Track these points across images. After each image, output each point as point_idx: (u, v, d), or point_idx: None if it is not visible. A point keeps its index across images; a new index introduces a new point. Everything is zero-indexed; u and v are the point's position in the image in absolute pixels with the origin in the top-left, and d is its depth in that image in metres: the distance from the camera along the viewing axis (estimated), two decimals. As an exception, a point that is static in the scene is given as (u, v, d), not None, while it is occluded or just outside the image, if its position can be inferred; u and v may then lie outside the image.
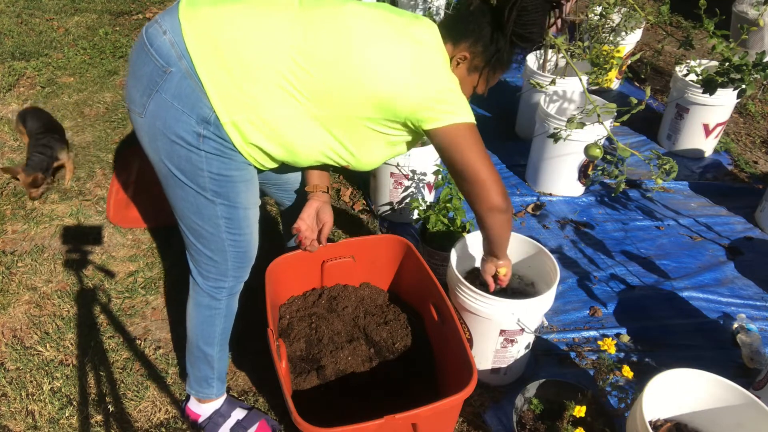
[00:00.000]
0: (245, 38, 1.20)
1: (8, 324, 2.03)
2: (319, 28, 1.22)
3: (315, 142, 1.31)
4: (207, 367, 1.60)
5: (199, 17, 1.21)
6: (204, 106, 1.21)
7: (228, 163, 1.29)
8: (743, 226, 2.53)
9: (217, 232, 1.39)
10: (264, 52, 1.20)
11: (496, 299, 1.58)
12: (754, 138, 3.18)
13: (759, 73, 1.75)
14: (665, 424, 1.52)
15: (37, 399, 1.78)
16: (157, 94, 1.22)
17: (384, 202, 2.49)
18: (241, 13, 1.22)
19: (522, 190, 2.76)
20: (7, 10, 4.49)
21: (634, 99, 1.88)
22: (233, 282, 1.51)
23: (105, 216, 2.52)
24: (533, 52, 3.08)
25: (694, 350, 1.97)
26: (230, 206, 1.36)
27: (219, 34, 1.20)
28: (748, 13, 3.52)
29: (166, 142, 1.26)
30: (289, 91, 1.22)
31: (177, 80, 1.20)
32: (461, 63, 1.34)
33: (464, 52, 1.32)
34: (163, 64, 1.20)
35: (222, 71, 1.19)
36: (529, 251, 1.83)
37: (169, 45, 1.20)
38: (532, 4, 1.25)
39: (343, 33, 1.22)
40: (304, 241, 1.60)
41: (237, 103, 1.22)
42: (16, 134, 3.03)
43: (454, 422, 1.64)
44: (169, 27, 1.21)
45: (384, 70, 1.22)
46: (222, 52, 1.19)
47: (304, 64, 1.20)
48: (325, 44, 1.21)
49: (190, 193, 1.33)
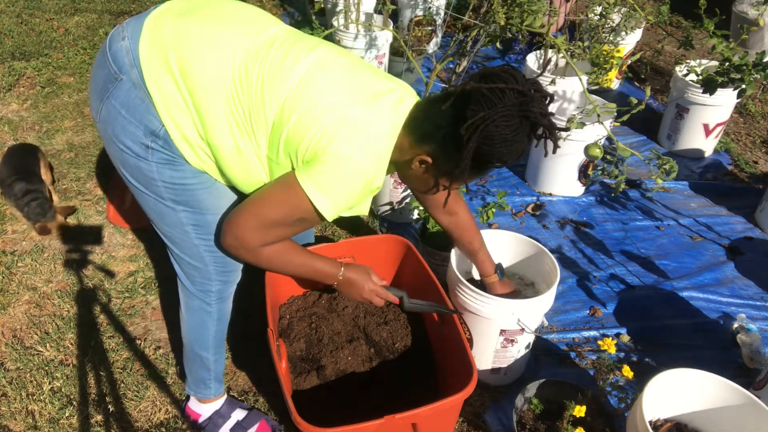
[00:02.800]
0: (195, 56, 1.14)
1: (8, 324, 2.03)
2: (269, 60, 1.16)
3: (247, 170, 1.24)
4: (203, 370, 1.60)
5: (160, 27, 1.16)
6: (153, 119, 1.16)
7: (180, 171, 1.23)
8: (743, 226, 2.53)
9: (187, 238, 1.34)
10: (210, 72, 1.14)
11: (496, 299, 1.58)
12: (754, 138, 3.18)
13: (759, 73, 1.75)
14: (665, 424, 1.52)
15: (37, 399, 1.78)
16: (107, 101, 1.18)
17: (384, 202, 2.49)
18: (200, 28, 1.16)
19: (522, 190, 2.76)
20: (7, 10, 4.49)
21: (634, 99, 1.88)
22: (220, 286, 1.46)
23: (105, 216, 2.52)
24: (533, 52, 3.08)
25: (694, 350, 1.97)
26: (195, 213, 1.31)
27: (171, 47, 1.14)
28: (748, 13, 3.52)
29: (116, 150, 1.22)
30: (228, 114, 1.15)
31: (126, 89, 1.15)
32: (423, 166, 1.21)
33: (425, 156, 1.18)
34: (116, 70, 1.16)
35: (170, 85, 1.14)
36: (529, 251, 1.83)
37: (124, 51, 1.16)
38: (501, 133, 1.07)
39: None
40: None
41: (185, 117, 1.16)
42: (17, 135, 3.04)
43: (454, 422, 1.64)
44: (130, 33, 1.17)
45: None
46: (171, 66, 1.13)
47: (244, 86, 1.14)
48: (265, 72, 1.15)
49: (150, 200, 1.29)
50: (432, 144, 1.17)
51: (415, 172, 1.25)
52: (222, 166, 1.24)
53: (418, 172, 1.24)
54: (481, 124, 1.06)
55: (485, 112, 1.06)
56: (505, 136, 1.08)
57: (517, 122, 1.07)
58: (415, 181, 1.31)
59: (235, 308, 1.58)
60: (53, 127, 3.12)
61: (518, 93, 1.06)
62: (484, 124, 1.06)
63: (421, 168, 1.22)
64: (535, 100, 1.07)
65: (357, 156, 1.14)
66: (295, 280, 1.77)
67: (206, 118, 1.16)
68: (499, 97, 1.06)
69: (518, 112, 1.06)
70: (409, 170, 1.25)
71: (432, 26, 3.79)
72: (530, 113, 1.06)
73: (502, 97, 1.06)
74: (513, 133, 1.08)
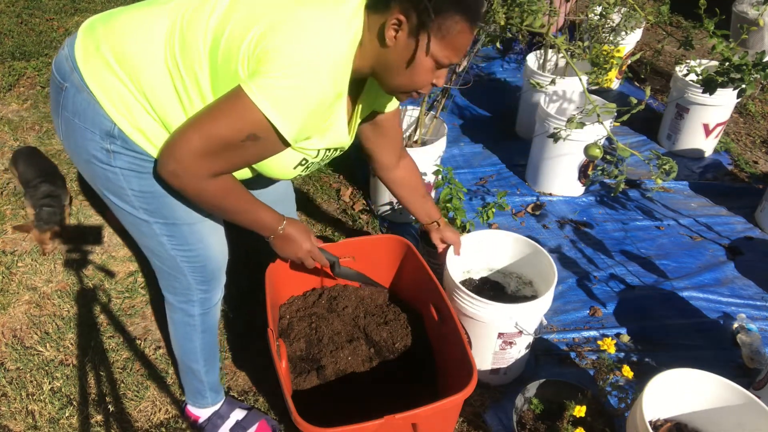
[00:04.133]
0: (124, 37, 1.12)
1: (8, 324, 2.03)
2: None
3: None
4: (196, 381, 1.59)
5: (92, 28, 1.16)
6: (103, 119, 1.13)
7: (147, 178, 1.19)
8: (743, 226, 2.53)
9: (163, 249, 1.32)
10: (142, 40, 1.10)
11: (493, 303, 1.57)
12: (754, 138, 3.18)
13: (759, 73, 1.75)
14: (665, 424, 1.52)
15: (37, 399, 1.78)
16: (62, 113, 1.17)
17: (384, 202, 2.49)
18: (126, 16, 1.15)
19: (522, 190, 2.76)
20: (7, 10, 4.49)
21: (634, 99, 1.88)
22: (203, 295, 1.44)
23: (105, 216, 2.52)
24: (533, 52, 3.08)
25: (694, 350, 1.97)
26: (168, 224, 1.27)
27: (102, 39, 1.13)
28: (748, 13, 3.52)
29: (82, 163, 1.21)
30: (175, 80, 1.10)
31: (72, 95, 1.14)
32: (399, 30, 1.08)
33: (397, 14, 1.06)
34: (60, 80, 1.16)
35: (109, 76, 1.11)
36: (527, 251, 1.83)
37: (63, 59, 1.16)
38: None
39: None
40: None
41: (134, 107, 1.12)
42: (17, 135, 3.04)
43: (454, 422, 1.64)
44: (68, 42, 1.17)
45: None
46: (105, 56, 1.11)
47: (177, 43, 1.09)
48: (191, 12, 1.10)
49: (125, 213, 1.26)
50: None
51: (394, 52, 1.11)
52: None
53: (397, 50, 1.10)
54: None
55: None
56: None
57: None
58: (397, 71, 1.14)
59: (235, 308, 1.59)
60: (53, 127, 3.08)
61: None
62: None
63: (397, 38, 1.09)
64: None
65: (307, 53, 1.01)
66: (295, 280, 1.77)
67: (153, 96, 1.12)
68: None
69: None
70: (386, 55, 1.12)
71: (432, 26, 3.78)
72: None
73: None
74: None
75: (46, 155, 2.58)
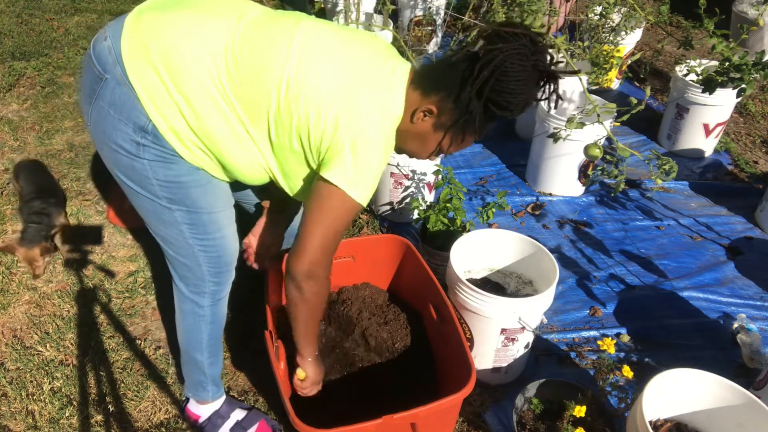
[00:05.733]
0: (175, 42, 1.14)
1: (8, 324, 2.03)
2: (255, 37, 1.16)
3: (249, 160, 1.24)
4: (199, 373, 1.60)
5: (141, 22, 1.16)
6: (140, 114, 1.16)
7: (174, 169, 1.23)
8: (743, 226, 2.53)
9: (182, 238, 1.34)
10: (192, 56, 1.14)
11: (496, 298, 1.58)
12: (754, 138, 3.18)
13: (759, 73, 1.75)
14: (665, 424, 1.52)
15: (37, 399, 1.78)
16: (96, 102, 1.19)
17: (384, 202, 2.49)
18: (179, 18, 1.16)
19: (522, 190, 2.76)
20: (7, 10, 4.49)
21: (634, 99, 1.88)
22: (214, 287, 1.46)
23: (105, 216, 2.52)
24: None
25: (694, 350, 1.96)
26: (190, 212, 1.30)
27: (151, 38, 1.14)
28: (748, 13, 3.53)
29: (109, 151, 1.23)
30: (218, 98, 1.15)
31: (111, 87, 1.16)
32: (427, 116, 1.20)
33: (431, 105, 1.18)
34: (100, 70, 1.16)
35: (153, 76, 1.14)
36: (528, 250, 1.83)
37: (106, 51, 1.16)
38: (516, 70, 1.08)
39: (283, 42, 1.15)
40: (249, 257, 1.62)
41: (171, 109, 1.16)
42: (17, 135, 3.04)
43: (453, 422, 1.64)
44: (111, 32, 1.17)
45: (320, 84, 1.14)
46: (151, 56, 1.13)
47: (233, 70, 1.14)
48: (256, 52, 1.15)
49: (146, 200, 1.28)
50: (440, 92, 1.17)
51: (416, 128, 1.23)
52: (221, 156, 1.24)
53: (419, 128, 1.23)
54: (497, 56, 1.07)
55: (502, 45, 1.08)
56: (518, 74, 1.09)
57: (530, 66, 1.09)
58: (412, 141, 1.27)
59: (236, 308, 1.59)
60: (53, 127, 3.12)
61: (531, 39, 1.09)
62: (500, 56, 1.07)
63: (423, 121, 1.21)
64: (544, 52, 1.11)
65: (373, 135, 1.16)
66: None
67: (196, 106, 1.16)
68: (514, 38, 1.08)
69: (530, 56, 1.08)
70: (410, 128, 1.23)
71: (432, 26, 3.80)
72: (540, 61, 1.09)
73: (517, 38, 1.09)
74: (526, 73, 1.09)
75: (48, 170, 2.50)
